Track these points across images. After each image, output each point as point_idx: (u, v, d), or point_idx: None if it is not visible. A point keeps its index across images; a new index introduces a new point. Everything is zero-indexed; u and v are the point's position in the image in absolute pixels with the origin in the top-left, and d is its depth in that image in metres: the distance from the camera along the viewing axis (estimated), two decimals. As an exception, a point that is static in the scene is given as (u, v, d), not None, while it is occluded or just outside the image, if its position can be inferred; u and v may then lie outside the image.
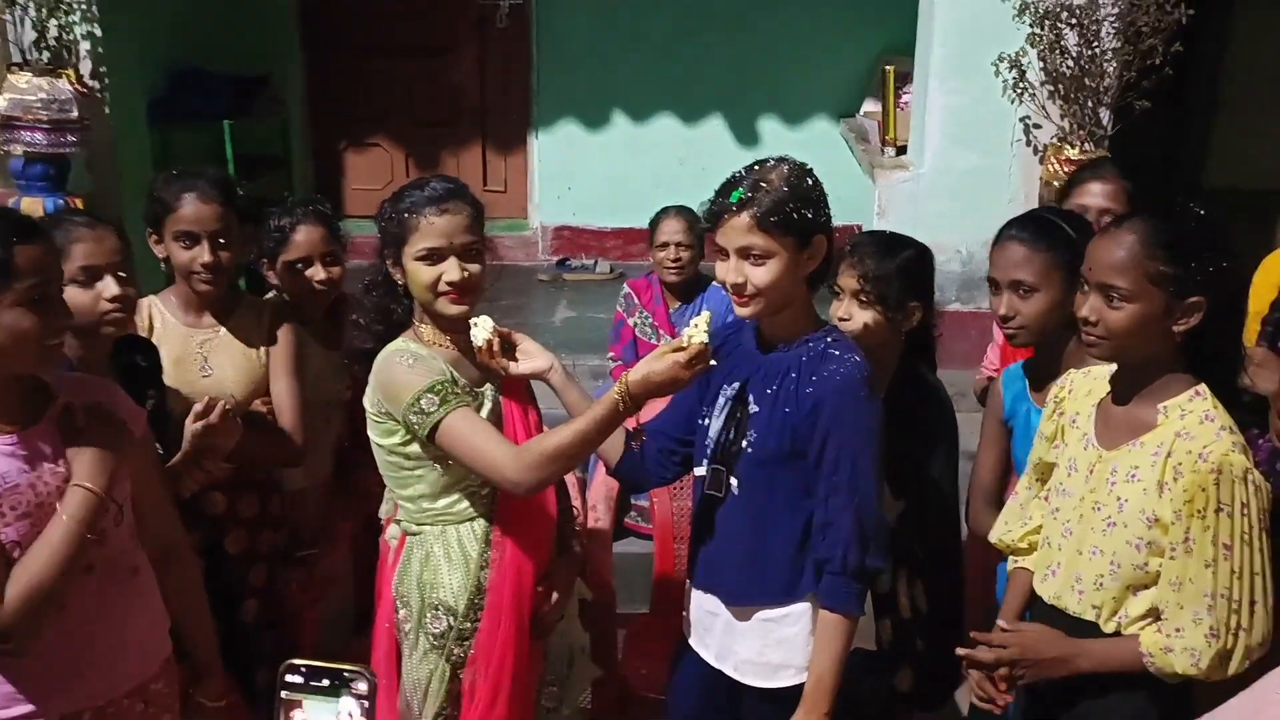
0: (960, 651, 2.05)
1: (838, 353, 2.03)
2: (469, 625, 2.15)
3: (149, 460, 1.99)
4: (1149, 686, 1.89)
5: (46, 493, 1.77)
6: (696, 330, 1.92)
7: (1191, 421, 1.84)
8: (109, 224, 2.31)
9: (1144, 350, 1.88)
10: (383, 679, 2.22)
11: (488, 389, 2.19)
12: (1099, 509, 1.92)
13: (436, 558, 2.16)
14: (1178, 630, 1.83)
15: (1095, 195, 2.76)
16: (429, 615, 2.16)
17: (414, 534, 2.20)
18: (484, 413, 2.12)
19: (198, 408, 2.25)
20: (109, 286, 2.22)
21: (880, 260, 2.39)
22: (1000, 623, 2.07)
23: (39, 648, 1.77)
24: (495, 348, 2.15)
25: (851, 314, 2.40)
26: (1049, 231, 2.29)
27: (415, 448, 2.11)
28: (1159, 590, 1.86)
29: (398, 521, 2.25)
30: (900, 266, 2.40)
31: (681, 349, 1.92)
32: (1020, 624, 2.05)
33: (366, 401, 2.16)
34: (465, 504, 2.16)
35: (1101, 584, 1.92)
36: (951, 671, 2.50)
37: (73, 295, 2.13)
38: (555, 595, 2.25)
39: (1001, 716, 2.22)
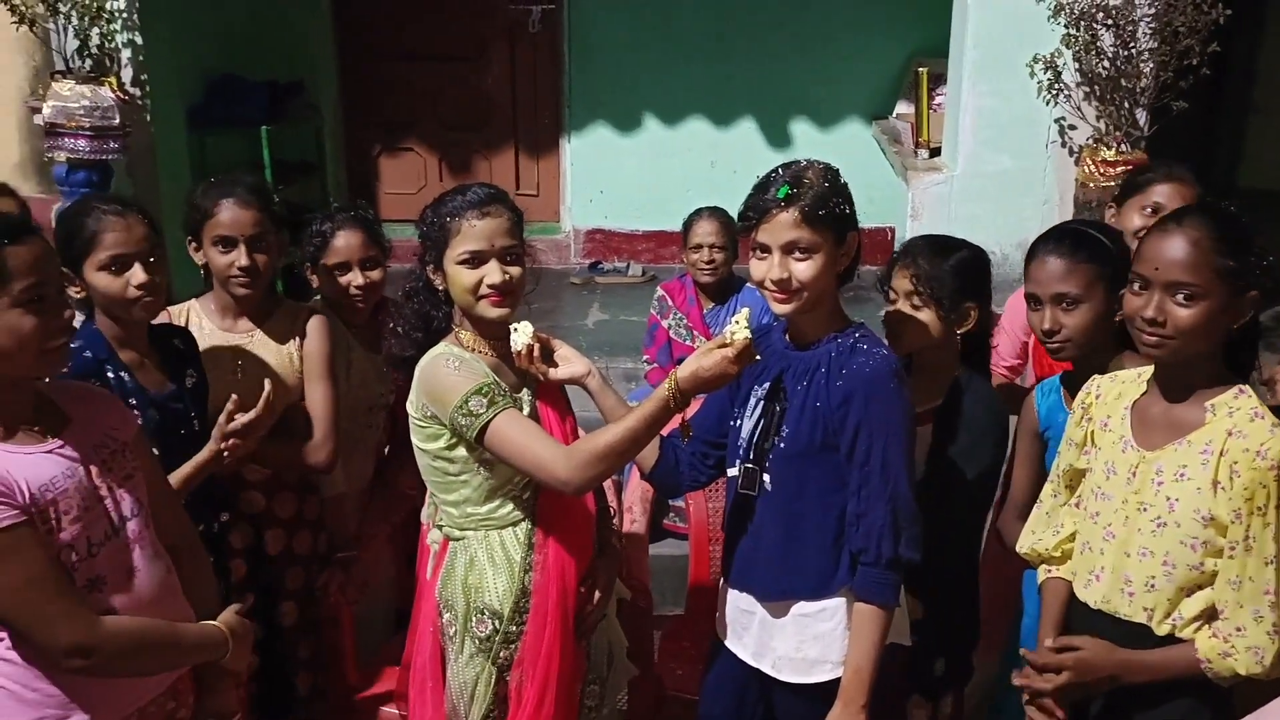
0: (1017, 681, 2.04)
1: (866, 346, 2.07)
2: (515, 628, 2.17)
3: (150, 459, 2.01)
4: (1195, 692, 1.89)
5: (89, 498, 1.79)
6: (739, 327, 1.95)
7: (1242, 419, 1.84)
8: (138, 210, 2.33)
9: (1202, 348, 1.87)
10: (429, 682, 2.26)
11: (525, 394, 2.21)
12: (1145, 510, 1.91)
13: (481, 562, 2.18)
14: (1239, 630, 1.83)
15: (1166, 196, 2.73)
16: (474, 619, 2.18)
17: (457, 539, 2.22)
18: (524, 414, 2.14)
19: (230, 407, 2.28)
20: (136, 274, 2.26)
21: (933, 261, 2.40)
22: (1046, 641, 2.04)
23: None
24: (535, 353, 2.18)
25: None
26: (1087, 243, 2.29)
27: (461, 452, 2.13)
28: (1217, 590, 1.86)
29: (439, 526, 2.26)
30: (954, 267, 2.40)
31: (727, 344, 1.94)
32: (1068, 639, 2.02)
33: (410, 407, 2.18)
34: (509, 508, 2.18)
35: (1153, 585, 1.91)
36: (963, 668, 2.52)
37: (104, 281, 2.26)
38: (597, 595, 2.27)
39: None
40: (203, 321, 2.66)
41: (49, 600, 1.70)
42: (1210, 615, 1.88)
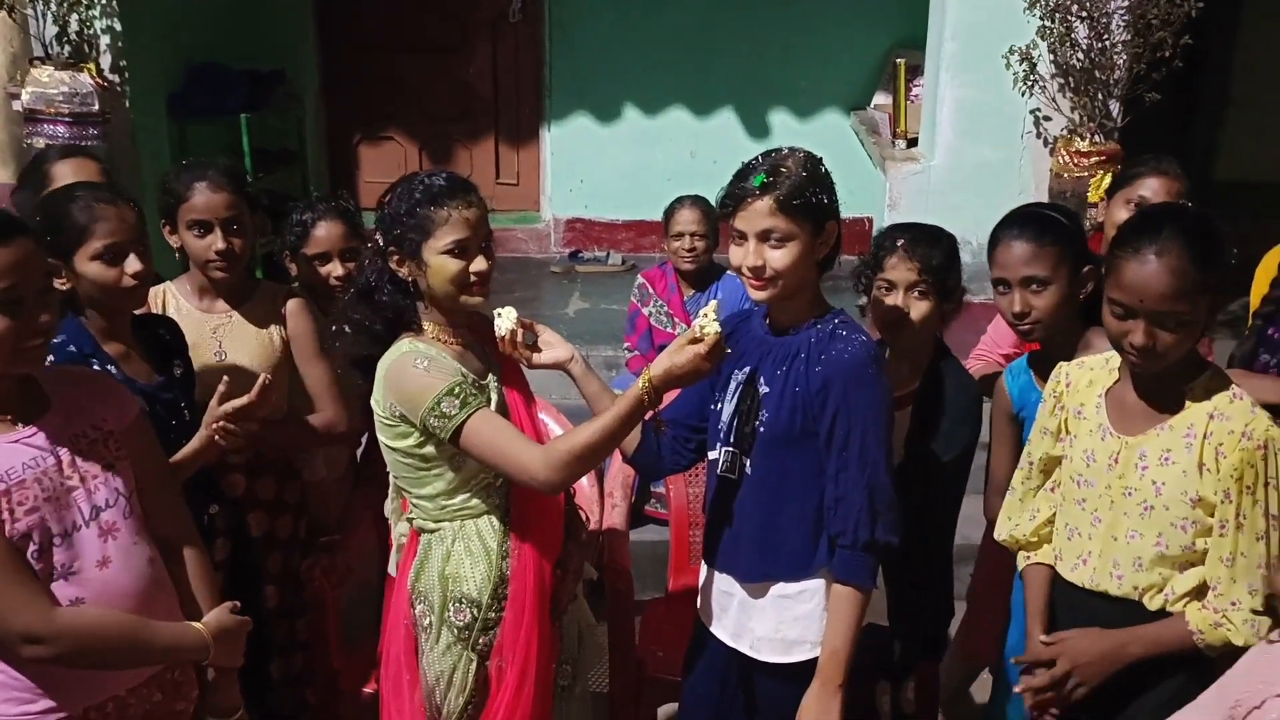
0: (1019, 688, 2.08)
1: (845, 333, 2.08)
2: (494, 615, 2.18)
3: (148, 448, 2.00)
4: (1187, 668, 1.92)
5: (54, 487, 1.79)
6: (708, 321, 1.96)
7: (1222, 401, 1.87)
8: (129, 199, 2.30)
9: (1184, 355, 1.91)
10: (405, 675, 2.25)
11: (491, 380, 2.21)
12: (1131, 494, 1.94)
13: (458, 552, 2.18)
14: (1234, 604, 1.86)
15: (1152, 190, 2.78)
16: (452, 609, 2.18)
17: (431, 531, 2.22)
18: (492, 405, 2.14)
19: (222, 389, 2.26)
20: (132, 263, 2.23)
21: (933, 252, 2.42)
22: (1040, 637, 2.08)
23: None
24: (518, 338, 2.19)
25: (910, 306, 2.42)
26: (1050, 226, 2.34)
27: (431, 449, 2.13)
28: (1209, 567, 1.90)
29: (409, 519, 2.27)
30: (950, 254, 2.44)
31: (699, 340, 1.96)
32: (1057, 634, 2.05)
33: (376, 405, 2.16)
34: (482, 496, 2.19)
35: (1141, 565, 1.95)
36: (936, 644, 2.57)
37: (97, 271, 2.22)
38: (568, 578, 2.29)
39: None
40: (180, 303, 2.67)
41: (4, 587, 1.70)
42: (1201, 591, 1.92)
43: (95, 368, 2.24)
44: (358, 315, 2.17)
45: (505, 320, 2.18)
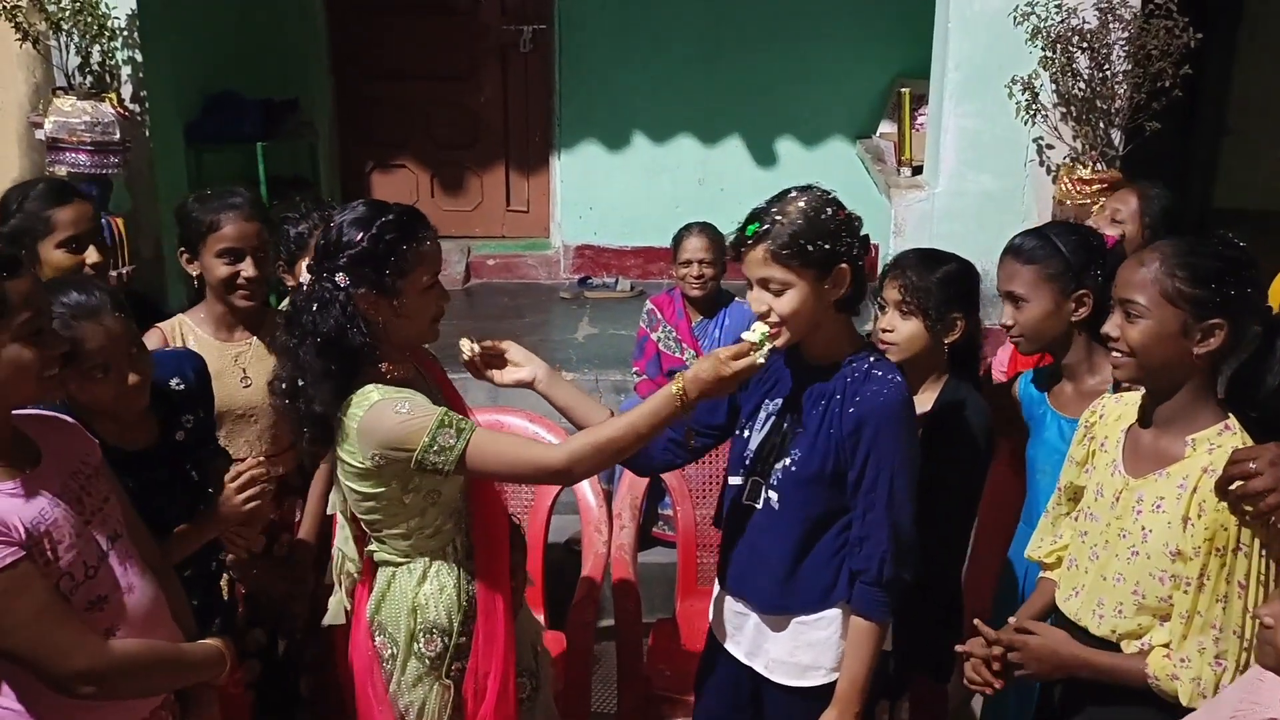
0: (959, 647, 2.14)
1: (880, 374, 2.08)
2: (464, 640, 2.18)
3: (116, 484, 1.99)
4: (1157, 702, 1.91)
5: (77, 523, 1.80)
6: (752, 332, 2.01)
7: (1220, 457, 1.83)
8: (116, 305, 2.10)
9: (1166, 372, 1.90)
10: (375, 706, 2.24)
11: None
12: (1124, 536, 1.95)
13: (426, 583, 2.17)
14: (1183, 661, 1.84)
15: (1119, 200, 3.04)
16: (422, 640, 2.17)
17: (398, 564, 2.19)
18: None
19: (233, 478, 2.24)
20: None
21: (921, 272, 2.49)
22: (1011, 620, 2.13)
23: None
24: (477, 361, 2.22)
25: (894, 325, 2.49)
26: (1038, 246, 2.44)
27: (411, 494, 2.10)
28: (1171, 622, 1.88)
29: (370, 553, 2.25)
30: (941, 279, 2.50)
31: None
32: (1031, 624, 2.09)
33: (350, 458, 2.07)
34: (451, 524, 2.19)
35: (1122, 611, 1.94)
36: (941, 664, 2.59)
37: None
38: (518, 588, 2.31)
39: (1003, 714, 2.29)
40: (198, 334, 2.70)
41: (58, 629, 1.71)
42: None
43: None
44: (320, 365, 2.03)
45: (465, 347, 2.21)
